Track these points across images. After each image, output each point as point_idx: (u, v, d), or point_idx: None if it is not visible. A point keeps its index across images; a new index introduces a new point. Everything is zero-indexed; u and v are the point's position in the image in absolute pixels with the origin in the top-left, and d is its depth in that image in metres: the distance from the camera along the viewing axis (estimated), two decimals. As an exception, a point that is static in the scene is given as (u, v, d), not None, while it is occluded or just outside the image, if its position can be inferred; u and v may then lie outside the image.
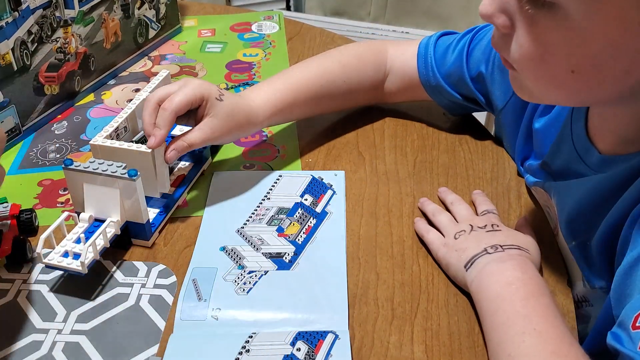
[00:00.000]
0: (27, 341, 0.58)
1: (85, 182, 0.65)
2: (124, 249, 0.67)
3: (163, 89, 0.69)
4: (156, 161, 0.67)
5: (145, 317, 0.60)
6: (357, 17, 2.04)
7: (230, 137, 0.73)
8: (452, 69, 0.78)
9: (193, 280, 0.63)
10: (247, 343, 0.56)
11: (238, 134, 0.74)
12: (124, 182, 0.63)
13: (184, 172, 0.76)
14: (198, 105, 0.69)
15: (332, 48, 1.03)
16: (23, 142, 0.85)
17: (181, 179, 0.75)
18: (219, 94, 0.70)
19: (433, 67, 0.79)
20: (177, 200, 0.72)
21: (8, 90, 0.81)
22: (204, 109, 0.69)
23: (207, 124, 0.69)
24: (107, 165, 0.63)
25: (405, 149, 0.82)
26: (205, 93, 0.69)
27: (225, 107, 0.70)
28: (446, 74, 0.79)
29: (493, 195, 0.73)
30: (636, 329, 0.43)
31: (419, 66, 0.80)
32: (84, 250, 0.60)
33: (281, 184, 0.75)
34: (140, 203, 0.64)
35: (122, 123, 0.70)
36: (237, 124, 0.71)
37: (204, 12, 1.18)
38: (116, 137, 0.69)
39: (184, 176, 0.75)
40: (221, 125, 0.69)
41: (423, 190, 0.75)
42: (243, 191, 0.74)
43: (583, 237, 0.59)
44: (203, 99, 0.69)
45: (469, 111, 0.85)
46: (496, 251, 0.59)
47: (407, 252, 0.66)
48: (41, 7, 0.82)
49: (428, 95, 0.82)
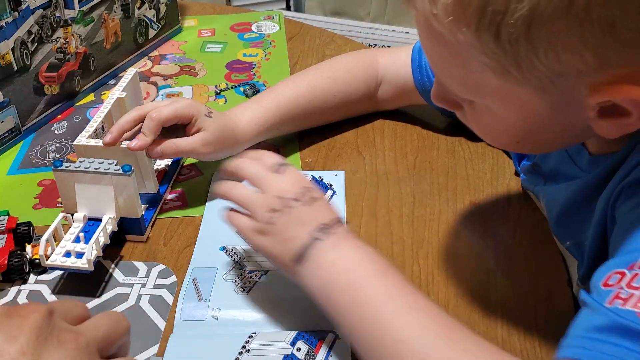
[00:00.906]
0: (27, 341, 0.58)
1: (77, 182, 0.65)
2: (119, 246, 0.67)
3: (152, 104, 0.70)
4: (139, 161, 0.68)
5: (145, 317, 0.60)
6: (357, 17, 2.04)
7: (218, 153, 0.73)
8: None
9: (193, 280, 0.63)
10: (247, 343, 0.56)
11: (225, 152, 0.73)
12: (117, 178, 0.63)
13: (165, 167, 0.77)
14: (186, 122, 0.70)
15: (332, 48, 1.04)
16: (23, 142, 0.85)
17: (163, 173, 0.76)
18: (207, 112, 0.71)
19: (428, 71, 0.79)
20: (164, 194, 0.74)
21: (8, 90, 0.81)
22: (192, 126, 0.70)
23: (198, 136, 0.70)
24: (98, 164, 0.64)
25: (405, 149, 0.82)
26: (194, 111, 0.70)
27: (215, 123, 0.71)
28: None
29: (493, 195, 0.73)
30: (606, 286, 0.43)
31: (413, 71, 0.80)
32: (89, 247, 0.60)
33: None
34: (135, 198, 0.65)
35: (100, 123, 0.71)
36: (226, 141, 0.72)
37: (204, 12, 1.18)
38: (95, 137, 0.69)
39: (165, 171, 0.77)
40: (212, 139, 0.70)
41: (423, 190, 0.75)
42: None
43: (577, 237, 0.59)
44: (192, 116, 0.69)
45: None
46: (326, 235, 0.53)
47: (407, 252, 0.66)
48: (41, 7, 0.82)
49: (423, 99, 0.82)
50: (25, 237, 0.66)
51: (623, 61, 0.42)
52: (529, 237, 0.68)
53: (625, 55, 0.42)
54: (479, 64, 0.45)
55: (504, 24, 0.41)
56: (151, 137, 0.67)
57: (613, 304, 0.42)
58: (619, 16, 0.40)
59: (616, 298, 0.42)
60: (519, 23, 0.41)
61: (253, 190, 0.58)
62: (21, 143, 0.85)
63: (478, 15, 0.42)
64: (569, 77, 0.44)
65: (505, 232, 0.69)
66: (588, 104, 0.45)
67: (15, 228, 0.66)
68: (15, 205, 0.72)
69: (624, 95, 0.43)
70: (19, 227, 0.66)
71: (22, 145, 0.84)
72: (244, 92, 0.93)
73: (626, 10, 0.40)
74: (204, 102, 0.91)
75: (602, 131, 0.47)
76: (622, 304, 0.41)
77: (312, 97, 0.79)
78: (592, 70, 0.43)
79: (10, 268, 0.63)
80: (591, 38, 0.41)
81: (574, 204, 0.58)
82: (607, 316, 0.41)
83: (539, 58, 0.43)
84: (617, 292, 0.42)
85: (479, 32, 0.43)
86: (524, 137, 0.51)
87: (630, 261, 0.43)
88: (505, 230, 0.69)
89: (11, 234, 0.65)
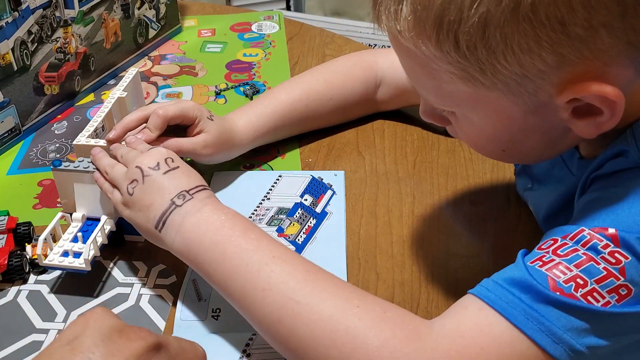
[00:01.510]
0: (27, 341, 0.58)
1: (76, 181, 0.65)
2: (117, 247, 0.67)
3: (157, 104, 0.70)
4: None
5: (145, 317, 0.60)
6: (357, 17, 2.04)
7: (216, 156, 0.73)
8: None
9: (193, 280, 0.63)
10: (247, 347, 0.56)
11: (222, 155, 0.74)
12: None
13: None
14: (189, 123, 0.71)
15: (332, 48, 1.04)
16: (23, 142, 0.85)
17: None
18: (209, 115, 0.72)
19: None
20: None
21: (8, 90, 0.81)
22: (194, 127, 0.71)
23: (200, 137, 0.71)
24: None
25: (405, 149, 0.82)
26: (197, 112, 0.70)
27: (216, 125, 0.71)
28: None
29: (493, 195, 0.73)
30: (539, 250, 0.47)
31: None
32: (86, 247, 0.60)
33: (281, 184, 0.75)
34: None
35: (100, 123, 0.71)
36: (224, 144, 0.73)
37: (204, 12, 1.18)
38: (95, 137, 0.69)
39: None
40: (212, 142, 0.71)
41: (423, 190, 0.75)
42: (243, 191, 0.74)
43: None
44: (195, 117, 0.70)
45: None
46: (185, 200, 0.56)
47: (407, 252, 0.67)
48: (41, 7, 0.83)
49: None
50: (25, 237, 0.66)
51: (581, 58, 0.43)
52: (529, 237, 0.68)
53: (582, 52, 0.43)
54: (447, 74, 0.47)
55: (460, 32, 0.43)
56: (156, 133, 0.68)
57: (534, 264, 0.46)
58: (567, 13, 0.41)
59: (538, 259, 0.46)
60: (474, 30, 0.42)
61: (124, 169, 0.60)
62: (21, 143, 0.85)
63: (436, 27, 0.44)
64: (532, 78, 0.44)
65: (505, 232, 0.69)
66: (558, 105, 0.46)
67: (15, 228, 0.66)
68: (15, 205, 0.72)
69: (587, 92, 0.44)
70: (19, 227, 0.66)
71: (22, 145, 0.84)
72: (244, 92, 0.93)
73: (572, 6, 0.41)
74: (204, 102, 0.91)
75: (581, 132, 0.48)
76: (540, 265, 0.45)
77: (309, 102, 0.79)
78: (553, 69, 0.44)
79: (10, 268, 0.63)
80: (545, 37, 0.42)
81: (558, 206, 0.59)
82: (521, 272, 0.46)
83: (500, 62, 0.44)
84: (542, 255, 0.46)
85: (439, 44, 0.45)
86: (507, 145, 0.52)
87: (567, 231, 0.46)
88: (505, 230, 0.70)
89: (11, 234, 0.65)
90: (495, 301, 0.45)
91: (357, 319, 0.47)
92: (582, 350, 0.44)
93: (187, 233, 0.55)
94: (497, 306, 0.45)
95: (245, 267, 0.52)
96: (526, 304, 0.44)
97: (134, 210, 0.58)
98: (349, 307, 0.48)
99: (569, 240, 0.46)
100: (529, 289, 0.45)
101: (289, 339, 0.49)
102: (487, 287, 0.47)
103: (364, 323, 0.47)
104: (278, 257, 0.52)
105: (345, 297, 0.49)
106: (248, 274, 0.51)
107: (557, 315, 0.44)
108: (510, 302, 0.45)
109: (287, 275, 0.51)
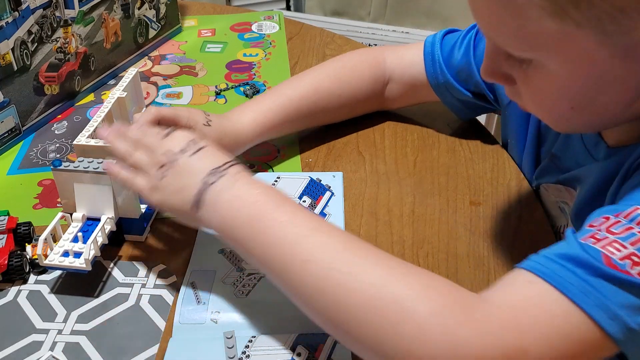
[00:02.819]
0: (27, 341, 0.58)
1: (76, 181, 0.65)
2: (117, 247, 0.67)
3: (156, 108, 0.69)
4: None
5: (145, 318, 0.60)
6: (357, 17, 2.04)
7: None
8: (460, 66, 0.78)
9: (192, 283, 0.63)
10: (247, 348, 0.56)
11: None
12: None
13: None
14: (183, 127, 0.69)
15: (332, 48, 1.04)
16: (23, 142, 0.85)
17: None
18: (206, 121, 0.70)
19: (441, 65, 0.78)
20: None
21: (8, 90, 0.81)
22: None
23: None
24: (97, 163, 0.64)
25: (405, 149, 0.82)
26: (191, 122, 0.68)
27: (212, 131, 0.70)
28: (455, 71, 0.78)
29: (493, 195, 0.73)
30: (590, 227, 0.46)
31: (426, 65, 0.80)
32: (86, 247, 0.60)
33: (279, 185, 0.75)
34: (134, 198, 0.65)
35: (100, 123, 0.70)
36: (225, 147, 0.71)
37: (204, 12, 1.18)
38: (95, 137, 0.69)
39: None
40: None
41: (423, 190, 0.74)
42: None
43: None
44: (189, 124, 0.68)
45: (477, 111, 0.83)
46: (218, 178, 0.55)
47: (407, 252, 0.66)
48: (41, 7, 0.82)
49: (435, 95, 0.81)
50: (26, 237, 0.66)
51: None
52: (529, 237, 0.68)
53: None
54: (536, 9, 0.44)
55: None
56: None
57: (586, 241, 0.45)
58: None
59: (591, 237, 0.45)
60: None
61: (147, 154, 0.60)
62: (21, 143, 0.85)
63: None
64: (631, 13, 0.42)
65: (505, 232, 0.69)
66: None
67: (16, 228, 0.66)
68: (15, 205, 0.72)
69: None
70: (19, 227, 0.66)
71: (22, 145, 0.84)
72: (244, 92, 0.93)
73: None
74: (205, 102, 0.91)
75: None
76: (594, 242, 0.44)
77: (317, 98, 0.79)
78: None
79: (10, 268, 0.63)
80: None
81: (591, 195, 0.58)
82: (574, 249, 0.45)
83: None
84: (595, 233, 0.45)
85: None
86: (578, 101, 0.50)
87: (620, 210, 0.46)
88: (505, 230, 0.70)
89: (11, 234, 0.65)
90: (549, 274, 0.44)
91: (405, 287, 0.46)
92: (635, 328, 0.43)
93: (222, 210, 0.54)
94: (550, 279, 0.44)
95: (283, 239, 0.51)
96: (581, 278, 0.43)
97: (165, 194, 0.57)
98: (395, 275, 0.47)
99: (622, 219, 0.45)
100: (583, 264, 0.43)
101: (332, 310, 0.47)
102: (537, 261, 0.45)
103: (412, 291, 0.45)
104: (316, 229, 0.51)
105: (390, 266, 0.48)
106: (286, 246, 0.50)
107: (614, 291, 0.43)
108: (564, 276, 0.44)
109: (327, 246, 0.49)
